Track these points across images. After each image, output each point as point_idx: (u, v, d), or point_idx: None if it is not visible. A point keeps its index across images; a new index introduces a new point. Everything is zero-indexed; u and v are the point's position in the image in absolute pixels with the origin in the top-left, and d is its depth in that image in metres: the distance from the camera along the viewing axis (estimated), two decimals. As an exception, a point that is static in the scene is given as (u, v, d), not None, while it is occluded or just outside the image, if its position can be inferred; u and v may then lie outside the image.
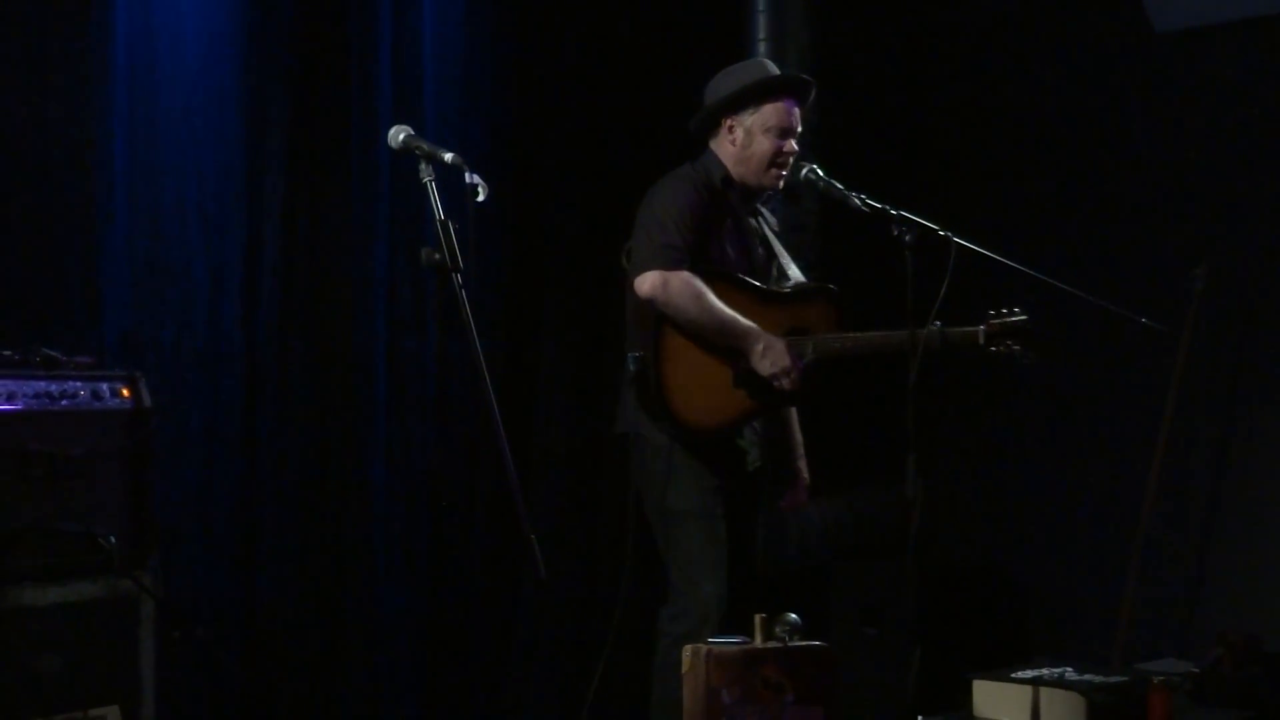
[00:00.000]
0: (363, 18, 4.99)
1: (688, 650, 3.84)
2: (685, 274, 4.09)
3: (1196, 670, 4.90)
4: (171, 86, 4.58)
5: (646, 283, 4.10)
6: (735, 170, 4.27)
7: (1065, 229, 5.77)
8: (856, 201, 4.04)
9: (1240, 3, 5.41)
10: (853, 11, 5.96)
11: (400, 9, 5.09)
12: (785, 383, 4.14)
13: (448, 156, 3.41)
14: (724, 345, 4.15)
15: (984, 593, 5.67)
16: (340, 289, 4.94)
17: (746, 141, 4.24)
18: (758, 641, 3.84)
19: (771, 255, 4.37)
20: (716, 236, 4.22)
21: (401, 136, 3.49)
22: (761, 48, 5.59)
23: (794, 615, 3.89)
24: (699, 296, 4.09)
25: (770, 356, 4.13)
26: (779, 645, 3.83)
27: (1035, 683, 4.40)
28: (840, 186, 4.11)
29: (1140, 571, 5.27)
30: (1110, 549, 5.47)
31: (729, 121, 4.26)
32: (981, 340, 4.11)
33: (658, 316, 4.12)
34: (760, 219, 4.42)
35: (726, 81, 4.31)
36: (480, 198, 3.36)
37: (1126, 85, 5.76)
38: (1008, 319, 4.10)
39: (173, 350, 4.54)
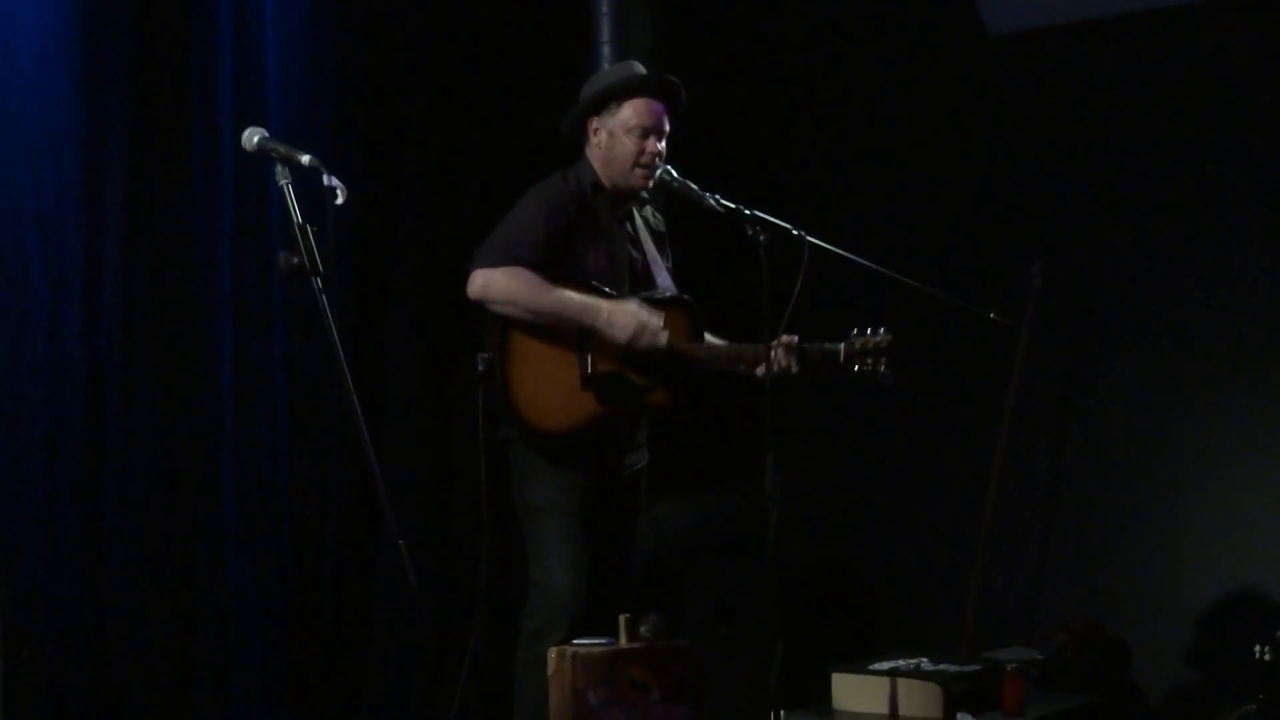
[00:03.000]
0: (202, 17, 4.88)
1: (553, 652, 3.84)
2: (511, 268, 4.02)
3: (1042, 657, 5.05)
4: (4, 91, 4.43)
5: (472, 284, 4.07)
6: (603, 173, 4.24)
7: (909, 227, 5.87)
8: (711, 201, 4.06)
9: (1070, 7, 5.56)
10: (696, 13, 6.00)
11: (240, 6, 4.99)
12: (647, 339, 4.06)
13: (305, 159, 3.36)
14: (571, 333, 4.08)
15: (836, 588, 5.75)
16: (184, 295, 4.82)
17: (610, 143, 4.22)
18: (622, 641, 3.85)
19: (642, 262, 4.31)
20: (581, 244, 4.18)
21: (256, 139, 3.42)
22: (605, 50, 5.60)
23: (656, 615, 3.92)
24: (525, 286, 4.02)
25: (619, 319, 4.06)
26: (644, 645, 3.85)
27: (893, 674, 4.49)
28: (695, 187, 4.12)
29: (985, 562, 5.39)
30: (957, 541, 5.58)
31: (594, 123, 4.25)
32: (841, 359, 4.14)
33: (507, 319, 4.08)
34: (637, 222, 4.37)
35: (593, 83, 4.32)
36: (339, 200, 3.32)
37: (963, 87, 5.89)
38: (871, 339, 4.12)
39: (11, 362, 4.40)
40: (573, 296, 4.07)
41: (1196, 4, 5.37)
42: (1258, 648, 4.33)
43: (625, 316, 4.06)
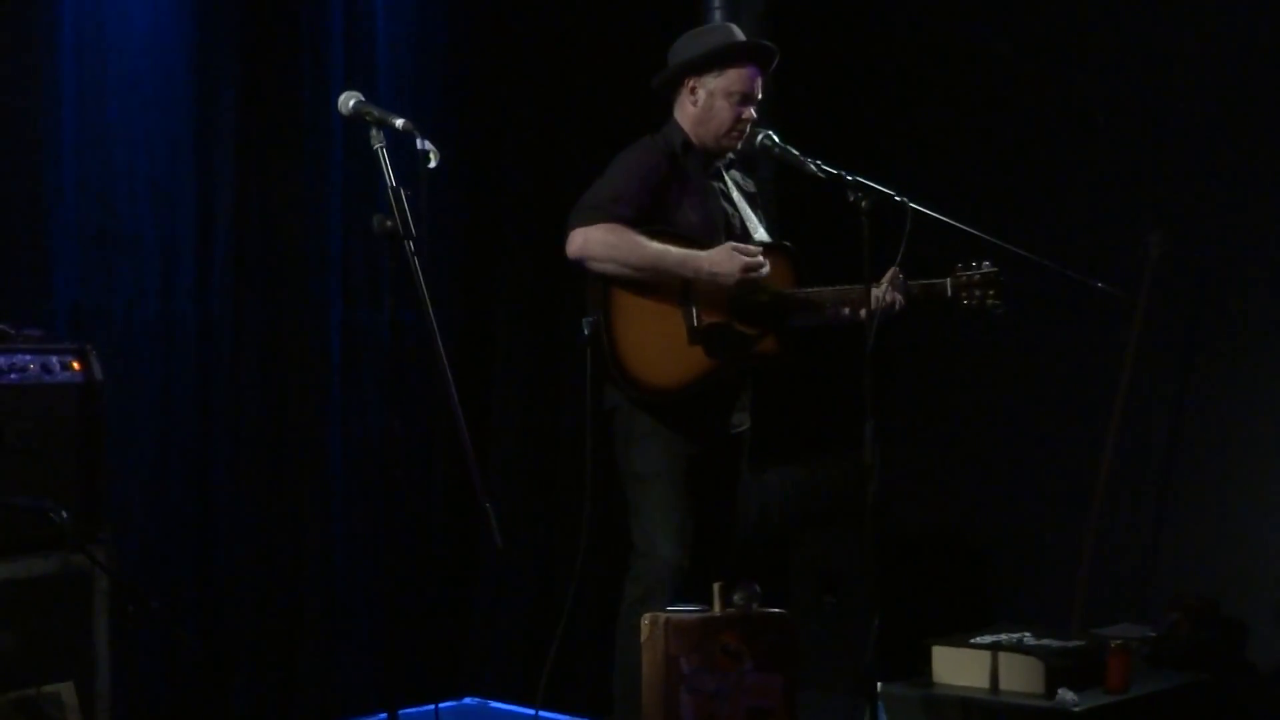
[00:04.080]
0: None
1: (646, 618, 3.83)
2: (609, 224, 4.01)
3: (1154, 634, 4.94)
4: (119, 55, 4.51)
5: (570, 244, 4.06)
6: (694, 132, 4.22)
7: (1022, 195, 5.76)
8: (812, 167, 4.01)
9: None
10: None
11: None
12: (753, 273, 4.01)
13: (399, 122, 3.37)
14: (674, 288, 4.06)
15: (942, 559, 5.68)
16: (293, 259, 4.89)
17: (708, 104, 4.20)
18: (716, 609, 3.83)
19: (738, 217, 4.28)
20: (676, 200, 4.17)
21: (352, 103, 3.44)
22: (717, 14, 5.55)
23: (753, 583, 3.89)
24: (623, 241, 4.00)
25: (722, 263, 4.02)
26: (738, 613, 3.83)
27: (994, 648, 4.43)
28: (796, 152, 4.07)
29: (1097, 537, 5.29)
30: (1067, 514, 5.47)
31: (691, 83, 4.22)
32: (949, 292, 4.10)
33: (609, 277, 4.07)
34: (728, 181, 4.34)
35: (692, 44, 4.27)
36: (432, 164, 3.32)
37: (1079, 47, 5.75)
38: (978, 270, 4.09)
39: (124, 322, 4.50)
40: (671, 250, 4.05)
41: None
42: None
43: (726, 258, 4.04)
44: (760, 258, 4.07)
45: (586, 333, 4.05)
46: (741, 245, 4.09)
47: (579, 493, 4.16)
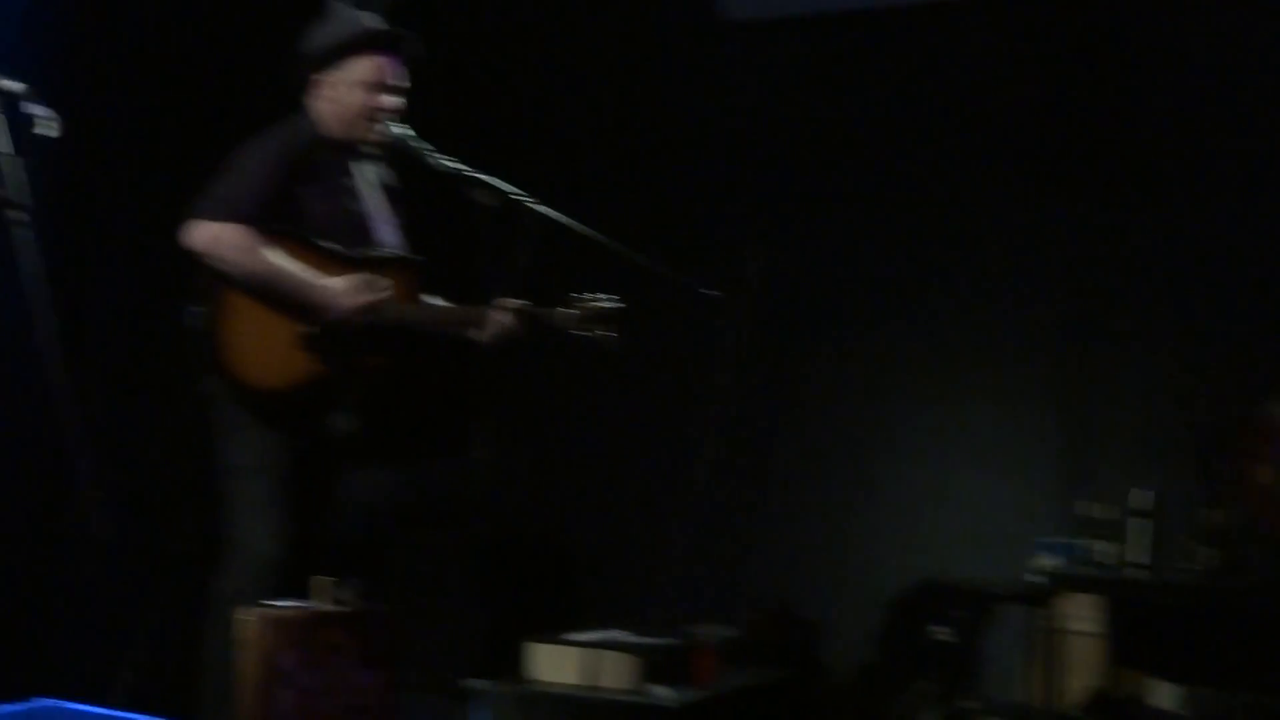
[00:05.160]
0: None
1: (243, 613, 3.73)
2: (240, 228, 3.91)
3: (737, 634, 5.16)
4: None
5: (192, 235, 3.93)
6: (329, 126, 4.14)
7: (634, 204, 5.90)
8: (435, 161, 4.00)
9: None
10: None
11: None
12: (360, 299, 3.97)
13: (16, 87, 3.18)
14: (287, 303, 3.99)
15: (541, 560, 5.75)
16: None
17: (335, 95, 4.12)
18: (318, 604, 3.77)
19: (363, 216, 4.21)
20: (302, 195, 4.07)
21: (-37, 64, 3.23)
22: (340, -1, 5.46)
23: (355, 579, 3.85)
24: (246, 246, 3.90)
25: (339, 297, 3.96)
26: (340, 609, 3.78)
27: (588, 645, 4.52)
28: (419, 145, 4.06)
29: (688, 540, 5.48)
30: (662, 518, 5.65)
31: (319, 77, 4.14)
32: (567, 323, 4.15)
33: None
34: (363, 175, 4.26)
35: (315, 37, 4.18)
36: (54, 132, 3.14)
37: (694, 69, 5.95)
38: (598, 304, 4.14)
39: None
40: (290, 269, 3.95)
41: (924, 4, 5.55)
42: (932, 628, 4.51)
43: (348, 292, 3.97)
44: (387, 291, 4.00)
45: (190, 324, 3.92)
46: (372, 280, 4.01)
47: (173, 483, 4.02)
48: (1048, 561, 5.00)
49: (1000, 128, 5.55)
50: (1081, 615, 4.91)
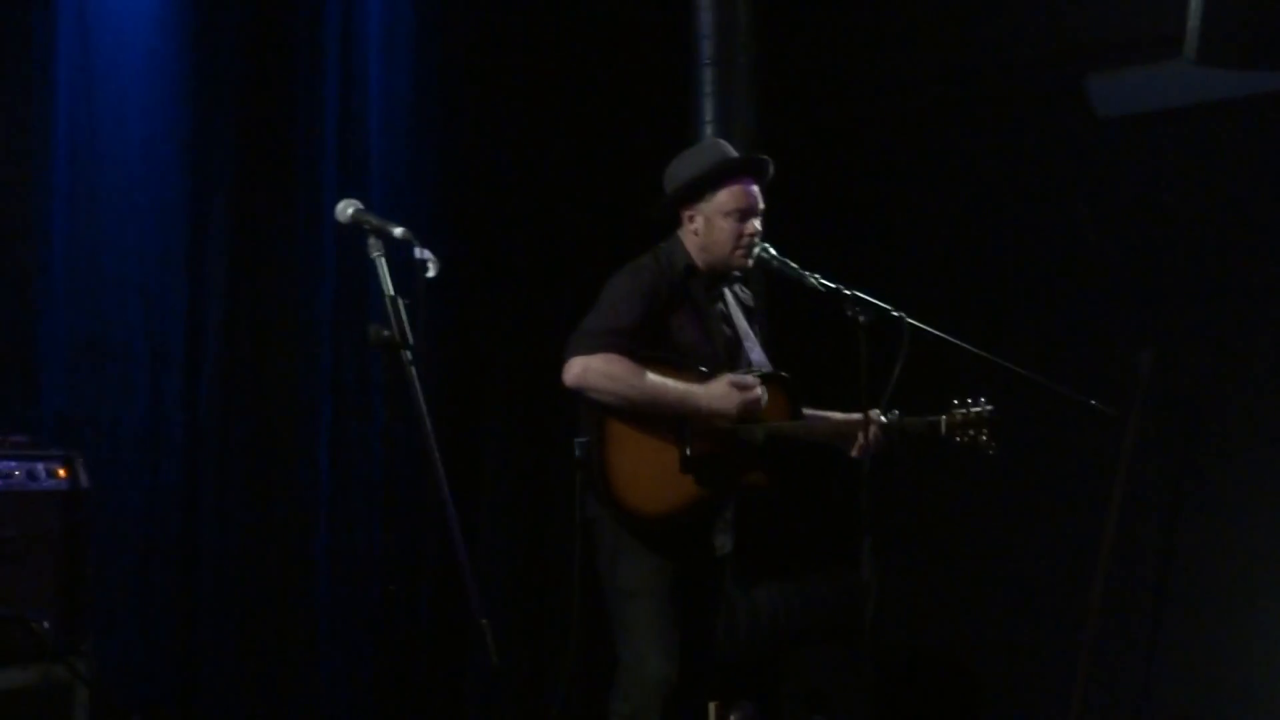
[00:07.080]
0: (308, 90, 4.95)
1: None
2: (607, 355, 3.97)
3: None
4: (113, 161, 4.51)
5: (568, 372, 4.02)
6: (700, 257, 4.18)
7: (1014, 312, 5.78)
8: (812, 281, 4.01)
9: (1180, 91, 5.47)
10: (798, 93, 5.98)
11: (346, 80, 5.05)
12: (751, 405, 3.98)
13: (397, 231, 3.35)
14: (666, 420, 4.03)
15: (935, 678, 5.61)
16: (284, 369, 4.86)
17: (707, 229, 4.16)
18: (713, 728, 3.77)
19: (737, 340, 4.24)
20: (674, 323, 4.13)
21: (350, 211, 3.42)
22: (708, 129, 5.58)
23: (749, 703, 3.83)
24: (623, 374, 3.96)
25: (720, 399, 3.98)
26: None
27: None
28: (795, 266, 4.07)
29: (1092, 656, 5.24)
30: (1062, 633, 5.43)
31: (688, 212, 4.20)
32: (943, 430, 4.07)
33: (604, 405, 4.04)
34: (728, 299, 4.29)
35: (680, 169, 4.23)
36: (431, 273, 3.30)
37: (1069, 168, 5.80)
38: (972, 409, 4.06)
39: (111, 429, 4.44)
40: (670, 385, 4.02)
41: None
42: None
43: (724, 394, 4.00)
44: (758, 390, 4.04)
45: (578, 454, 4.02)
46: (739, 378, 4.04)
47: (566, 608, 4.09)
48: None
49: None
50: None
